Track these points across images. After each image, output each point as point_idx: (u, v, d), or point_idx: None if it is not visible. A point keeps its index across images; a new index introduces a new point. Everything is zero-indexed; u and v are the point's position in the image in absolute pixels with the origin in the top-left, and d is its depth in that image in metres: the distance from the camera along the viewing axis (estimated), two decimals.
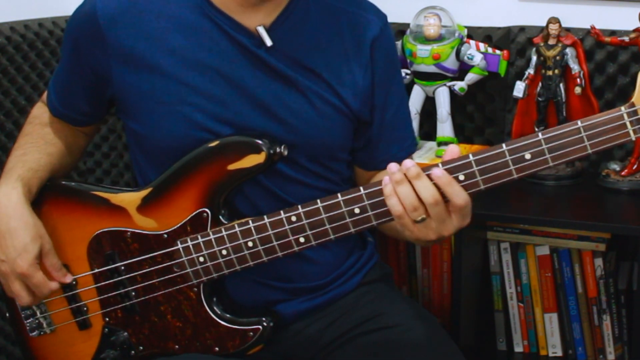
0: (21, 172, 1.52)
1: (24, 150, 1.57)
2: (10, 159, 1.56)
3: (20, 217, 1.48)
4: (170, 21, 1.47)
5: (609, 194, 1.99)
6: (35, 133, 1.61)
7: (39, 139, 1.59)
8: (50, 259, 1.51)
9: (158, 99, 1.47)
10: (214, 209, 1.45)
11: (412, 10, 2.16)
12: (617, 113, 1.25)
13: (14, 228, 1.48)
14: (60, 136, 1.61)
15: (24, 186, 1.51)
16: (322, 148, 1.54)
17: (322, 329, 1.59)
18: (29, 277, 1.49)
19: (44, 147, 1.58)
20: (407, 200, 1.30)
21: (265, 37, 1.46)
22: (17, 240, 1.48)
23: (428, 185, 1.29)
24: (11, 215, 1.48)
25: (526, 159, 1.28)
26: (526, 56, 2.14)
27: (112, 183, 2.39)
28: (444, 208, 1.30)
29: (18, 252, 1.48)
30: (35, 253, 1.49)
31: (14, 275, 1.49)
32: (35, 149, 1.57)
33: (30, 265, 1.48)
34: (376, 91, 1.57)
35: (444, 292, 2.13)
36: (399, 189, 1.30)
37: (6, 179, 1.52)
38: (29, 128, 1.63)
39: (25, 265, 1.48)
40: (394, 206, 1.31)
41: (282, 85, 1.49)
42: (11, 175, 1.52)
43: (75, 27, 1.52)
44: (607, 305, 2.01)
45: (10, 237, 1.48)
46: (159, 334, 1.52)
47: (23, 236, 1.48)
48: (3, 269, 1.50)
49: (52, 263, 1.51)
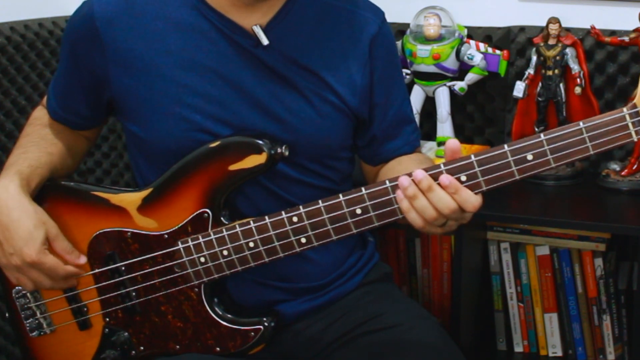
0: (20, 167, 1.52)
1: (25, 148, 1.57)
2: (11, 157, 1.56)
3: (20, 207, 1.47)
4: (167, 22, 1.47)
5: (609, 194, 1.99)
6: (36, 133, 1.61)
7: (39, 139, 1.59)
8: (59, 243, 1.50)
9: (156, 100, 1.47)
10: (215, 209, 1.45)
11: (412, 10, 2.16)
12: (619, 114, 1.25)
13: (16, 218, 1.47)
14: (61, 137, 1.61)
15: (22, 179, 1.50)
16: (322, 147, 1.54)
17: (323, 329, 1.59)
18: (40, 263, 1.48)
19: (44, 146, 1.58)
20: (426, 213, 1.31)
21: (262, 37, 1.46)
22: (20, 230, 1.47)
23: (443, 196, 1.30)
24: (11, 207, 1.47)
25: (528, 160, 1.28)
26: (526, 56, 2.14)
27: (112, 183, 2.39)
28: (461, 210, 1.32)
29: (24, 241, 1.47)
30: (41, 239, 1.48)
31: (25, 265, 1.48)
32: (36, 147, 1.57)
33: (38, 252, 1.47)
34: (376, 89, 1.57)
35: (444, 292, 2.13)
36: (415, 203, 1.31)
37: (5, 174, 1.52)
38: (29, 129, 1.63)
39: (34, 252, 1.47)
40: (414, 220, 1.32)
41: (280, 85, 1.49)
42: (10, 170, 1.52)
43: (73, 31, 1.52)
44: (607, 305, 2.02)
45: (14, 228, 1.47)
46: (159, 334, 1.52)
47: (26, 225, 1.47)
48: (14, 262, 1.49)
49: (63, 247, 1.51)
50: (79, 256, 1.52)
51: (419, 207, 1.31)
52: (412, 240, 2.14)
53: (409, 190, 1.30)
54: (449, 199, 1.30)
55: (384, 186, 1.34)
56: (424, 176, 1.30)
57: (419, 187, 1.30)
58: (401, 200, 1.32)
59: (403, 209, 1.32)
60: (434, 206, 1.30)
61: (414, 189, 1.30)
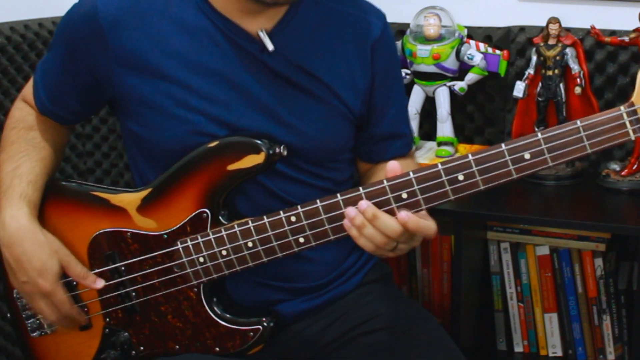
0: (21, 189, 1.51)
1: (16, 163, 1.54)
2: (4, 177, 1.53)
3: (33, 238, 1.48)
4: (173, 23, 1.46)
5: (609, 194, 1.99)
6: (22, 140, 1.58)
7: (28, 146, 1.57)
8: (73, 268, 1.50)
9: (160, 101, 1.47)
10: (214, 209, 1.45)
11: (412, 10, 2.16)
12: (617, 113, 1.25)
13: (29, 250, 1.48)
14: (47, 138, 1.59)
15: (29, 204, 1.50)
16: (325, 151, 1.55)
17: (323, 329, 1.59)
18: (52, 295, 1.49)
19: (34, 154, 1.56)
20: (376, 240, 1.33)
21: (267, 42, 1.45)
22: (34, 262, 1.48)
23: (388, 222, 1.32)
24: (23, 238, 1.48)
25: (525, 159, 1.28)
26: (526, 56, 2.14)
27: (112, 183, 2.39)
28: (409, 234, 1.34)
29: (38, 272, 1.48)
30: (55, 270, 1.49)
31: (37, 294, 1.50)
32: (27, 157, 1.55)
33: (52, 283, 1.48)
34: (377, 91, 1.57)
35: (444, 292, 2.13)
36: (364, 231, 1.33)
37: (8, 200, 1.50)
38: (13, 134, 1.59)
39: (48, 283, 1.48)
40: (365, 245, 1.35)
41: (284, 89, 1.49)
42: (12, 195, 1.50)
43: (73, 27, 1.49)
44: (607, 305, 2.01)
45: (27, 260, 1.48)
46: (159, 334, 1.52)
47: (39, 256, 1.48)
48: (27, 289, 1.50)
49: (77, 272, 1.50)
50: (95, 280, 1.51)
51: (368, 235, 1.33)
52: None
53: (357, 220, 1.32)
54: (395, 224, 1.31)
55: (381, 186, 1.34)
56: (367, 205, 1.32)
57: (364, 216, 1.32)
58: (349, 228, 1.34)
59: (353, 236, 1.34)
60: (382, 232, 1.32)
61: (361, 219, 1.32)
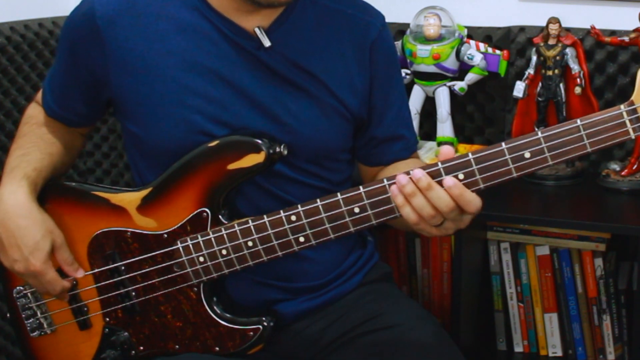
0: (26, 171, 1.52)
1: (25, 150, 1.56)
2: (11, 159, 1.55)
3: (29, 215, 1.48)
4: (169, 22, 1.47)
5: (609, 194, 1.99)
6: (33, 133, 1.60)
7: (38, 139, 1.59)
8: (62, 253, 1.51)
9: (157, 101, 1.47)
10: (214, 208, 1.45)
11: (412, 10, 2.16)
12: (617, 111, 1.25)
13: (23, 226, 1.47)
14: (57, 136, 1.61)
15: (30, 184, 1.50)
16: (322, 149, 1.54)
17: (323, 329, 1.59)
18: (42, 274, 1.49)
19: (44, 147, 1.58)
20: (423, 211, 1.30)
21: (264, 38, 1.46)
22: (27, 238, 1.48)
23: (442, 195, 1.29)
24: (19, 214, 1.48)
25: (526, 158, 1.28)
26: (526, 56, 2.14)
27: (112, 183, 2.39)
28: (459, 211, 1.31)
29: (30, 250, 1.48)
30: (47, 249, 1.49)
31: (27, 273, 1.50)
32: (36, 149, 1.57)
33: (43, 262, 1.48)
34: (376, 92, 1.57)
35: (444, 292, 2.13)
36: (413, 201, 1.30)
37: (10, 178, 1.51)
38: (25, 128, 1.62)
39: (39, 263, 1.48)
40: (408, 215, 1.32)
41: (280, 87, 1.49)
42: (15, 174, 1.51)
43: (72, 29, 1.51)
44: (607, 305, 2.01)
45: (20, 236, 1.48)
46: (159, 334, 1.52)
47: (34, 233, 1.48)
48: (17, 268, 1.50)
49: (64, 257, 1.51)
50: (77, 269, 1.53)
51: (416, 205, 1.30)
52: (412, 240, 2.14)
53: (407, 188, 1.30)
54: (448, 198, 1.29)
55: (381, 184, 1.34)
56: (422, 175, 1.30)
57: (417, 185, 1.30)
58: (396, 195, 1.31)
59: (397, 203, 1.32)
60: (432, 204, 1.30)
61: (412, 187, 1.30)
